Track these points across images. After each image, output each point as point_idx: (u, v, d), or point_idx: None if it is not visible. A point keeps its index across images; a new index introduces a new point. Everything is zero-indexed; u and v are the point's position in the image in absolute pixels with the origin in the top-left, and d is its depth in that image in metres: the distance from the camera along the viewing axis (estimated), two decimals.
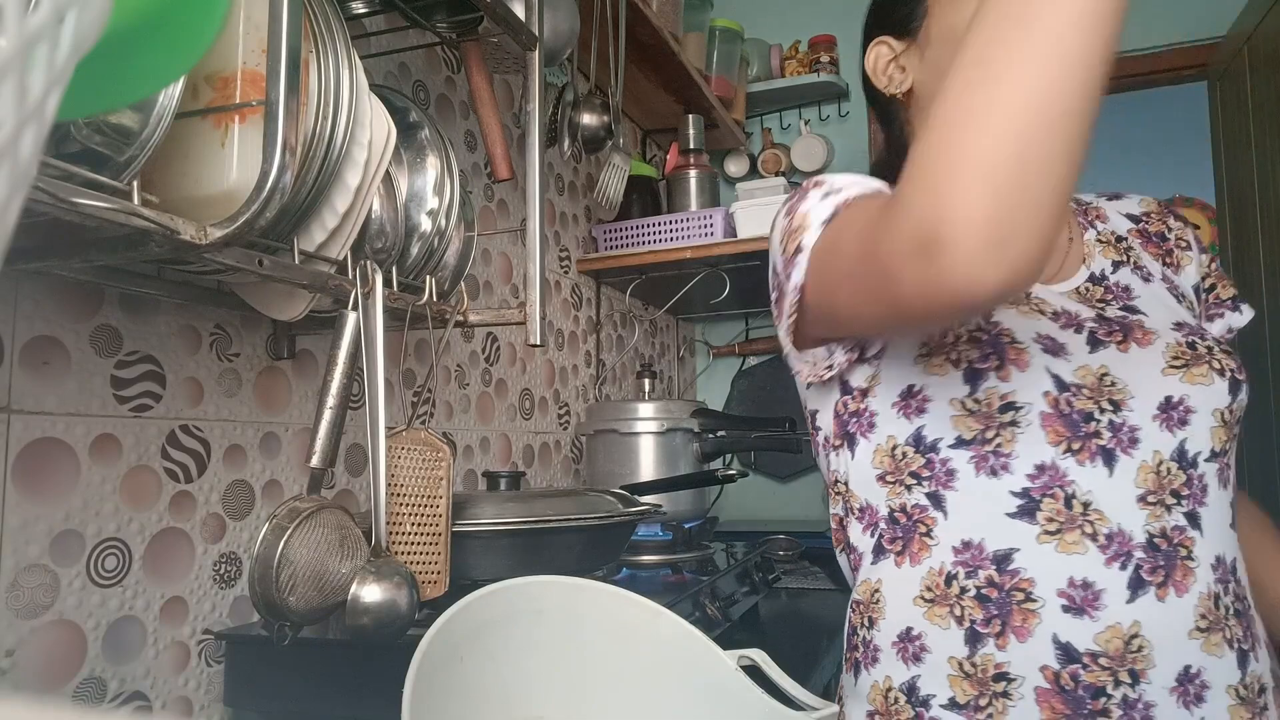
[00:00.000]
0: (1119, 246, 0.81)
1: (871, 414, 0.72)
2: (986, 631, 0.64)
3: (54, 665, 0.71)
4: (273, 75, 0.56)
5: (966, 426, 0.66)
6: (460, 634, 0.60)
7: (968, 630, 0.64)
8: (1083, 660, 0.61)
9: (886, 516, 0.70)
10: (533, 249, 0.94)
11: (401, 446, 0.79)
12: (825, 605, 1.41)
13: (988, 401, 0.66)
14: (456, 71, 1.35)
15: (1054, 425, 0.65)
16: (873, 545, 0.71)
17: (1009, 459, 0.65)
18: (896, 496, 0.70)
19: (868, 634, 0.69)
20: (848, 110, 2.42)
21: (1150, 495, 0.64)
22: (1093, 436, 0.64)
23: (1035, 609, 0.63)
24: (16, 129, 0.21)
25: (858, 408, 0.73)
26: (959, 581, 0.65)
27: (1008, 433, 0.65)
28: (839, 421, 0.75)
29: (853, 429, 0.73)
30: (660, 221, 1.74)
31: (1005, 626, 0.63)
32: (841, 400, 0.75)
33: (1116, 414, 0.65)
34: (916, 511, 0.68)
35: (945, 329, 0.68)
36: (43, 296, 0.72)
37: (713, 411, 1.60)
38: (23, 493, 0.69)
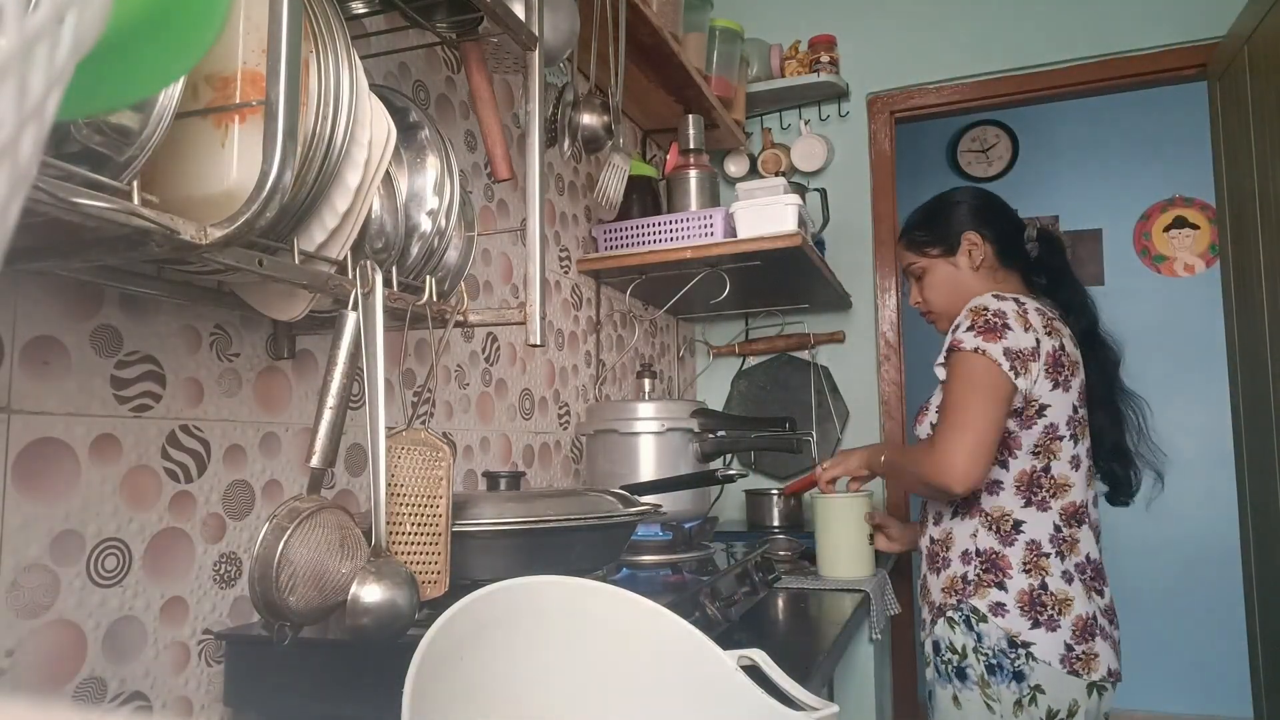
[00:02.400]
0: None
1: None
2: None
3: (54, 665, 0.71)
4: (273, 75, 0.56)
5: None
6: (460, 634, 0.60)
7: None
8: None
9: None
10: (533, 249, 0.94)
11: (401, 446, 0.79)
12: (825, 605, 1.41)
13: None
14: (456, 71, 1.35)
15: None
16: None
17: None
18: None
19: None
20: (848, 110, 2.43)
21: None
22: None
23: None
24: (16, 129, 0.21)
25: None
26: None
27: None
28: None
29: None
30: (660, 221, 1.74)
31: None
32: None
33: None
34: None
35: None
36: (43, 296, 0.72)
37: (713, 411, 1.60)
38: (23, 493, 0.69)
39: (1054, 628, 1.25)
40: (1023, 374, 1.27)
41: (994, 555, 1.31)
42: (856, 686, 1.58)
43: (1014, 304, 1.31)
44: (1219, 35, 2.09)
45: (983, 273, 1.45)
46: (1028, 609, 1.27)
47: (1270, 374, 1.88)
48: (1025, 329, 1.29)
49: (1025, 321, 1.29)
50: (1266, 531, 1.96)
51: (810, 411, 2.36)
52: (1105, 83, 2.26)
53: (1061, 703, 1.24)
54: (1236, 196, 2.06)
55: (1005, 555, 1.30)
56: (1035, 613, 1.26)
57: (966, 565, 1.33)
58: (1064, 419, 1.31)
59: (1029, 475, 1.31)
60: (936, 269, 1.48)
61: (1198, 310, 3.46)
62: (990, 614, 1.28)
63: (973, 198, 1.51)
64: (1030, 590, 1.27)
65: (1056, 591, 1.27)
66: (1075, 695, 1.25)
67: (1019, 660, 1.25)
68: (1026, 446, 1.30)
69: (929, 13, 2.38)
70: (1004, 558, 1.30)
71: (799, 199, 1.71)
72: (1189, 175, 3.53)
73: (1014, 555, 1.29)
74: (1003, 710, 1.26)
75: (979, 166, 3.84)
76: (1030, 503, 1.30)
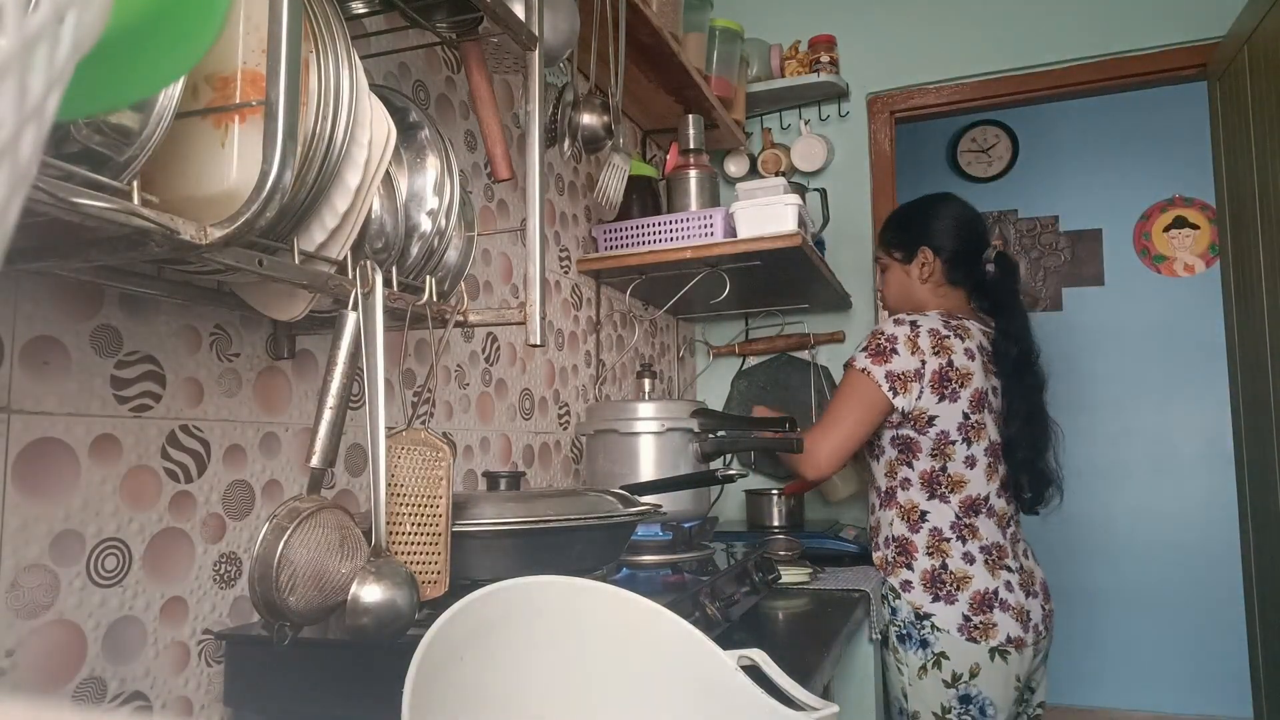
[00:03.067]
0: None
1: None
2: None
3: (54, 665, 0.71)
4: (273, 75, 0.56)
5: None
6: (460, 634, 0.60)
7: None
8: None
9: None
10: (533, 249, 0.94)
11: (401, 446, 0.79)
12: (825, 605, 1.41)
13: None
14: (456, 71, 1.35)
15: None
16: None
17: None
18: None
19: None
20: (848, 110, 2.42)
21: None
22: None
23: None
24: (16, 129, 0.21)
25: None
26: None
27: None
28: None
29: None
30: (660, 221, 1.74)
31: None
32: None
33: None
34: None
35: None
36: (43, 296, 0.72)
37: (713, 411, 1.60)
38: (23, 493, 0.69)
39: (952, 601, 1.48)
40: (902, 393, 1.50)
41: (904, 541, 1.55)
42: (856, 686, 1.58)
43: (908, 329, 1.52)
44: (1219, 35, 2.09)
45: (929, 285, 1.64)
46: (929, 585, 1.50)
47: (1270, 374, 1.88)
48: (912, 353, 1.51)
49: (914, 345, 1.51)
50: (1266, 531, 1.96)
51: (810, 411, 2.36)
52: (1105, 83, 2.26)
53: (963, 665, 1.45)
54: (1236, 196, 2.06)
55: (913, 540, 1.54)
56: (935, 589, 1.49)
57: (887, 549, 1.57)
58: (954, 425, 1.51)
59: (930, 474, 1.54)
60: (894, 270, 1.69)
61: (1198, 310, 3.46)
62: (901, 590, 1.52)
63: (945, 214, 1.65)
64: (932, 570, 1.50)
65: (956, 570, 1.49)
66: (976, 659, 1.45)
67: (924, 630, 1.48)
68: (925, 450, 1.54)
69: (929, 13, 2.38)
70: (911, 543, 1.54)
71: (799, 199, 1.71)
72: (1189, 175, 3.53)
73: (919, 540, 1.53)
74: (909, 673, 1.50)
75: (979, 166, 3.83)
76: (933, 496, 1.53)
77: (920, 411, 1.51)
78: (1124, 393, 3.55)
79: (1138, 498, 3.51)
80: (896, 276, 1.68)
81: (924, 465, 1.54)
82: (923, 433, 1.52)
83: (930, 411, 1.51)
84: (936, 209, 1.66)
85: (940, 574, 1.49)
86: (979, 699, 1.45)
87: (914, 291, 1.65)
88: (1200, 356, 3.42)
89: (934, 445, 1.52)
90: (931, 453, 1.53)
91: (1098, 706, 3.42)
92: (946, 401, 1.50)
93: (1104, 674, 3.44)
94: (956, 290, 1.65)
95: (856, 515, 2.30)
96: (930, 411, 1.51)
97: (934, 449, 1.53)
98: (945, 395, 1.50)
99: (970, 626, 1.46)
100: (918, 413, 1.51)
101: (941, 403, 1.50)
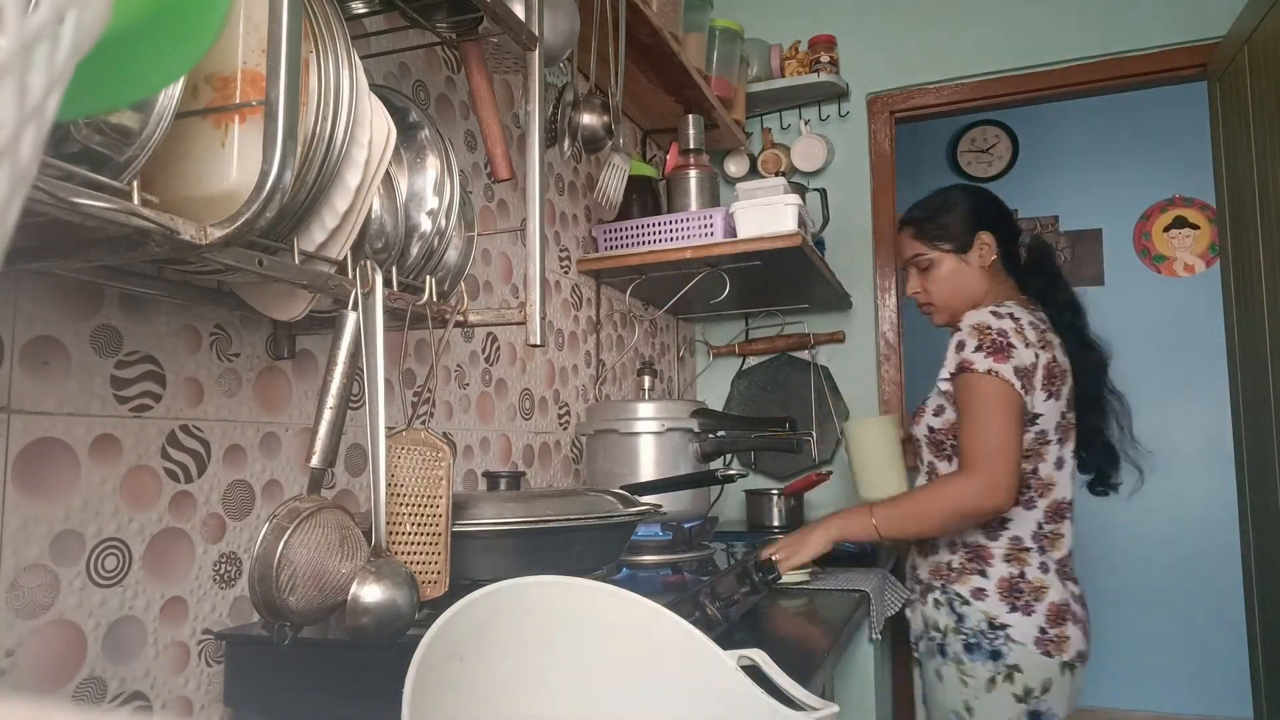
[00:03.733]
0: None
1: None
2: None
3: (54, 665, 0.71)
4: (273, 75, 0.56)
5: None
6: (460, 634, 0.60)
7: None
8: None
9: None
10: (533, 249, 0.94)
11: (401, 446, 0.79)
12: (825, 605, 1.41)
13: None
14: (456, 71, 1.35)
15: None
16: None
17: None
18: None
19: None
20: (848, 110, 2.42)
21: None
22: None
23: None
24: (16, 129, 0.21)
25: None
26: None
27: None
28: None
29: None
30: (660, 221, 1.74)
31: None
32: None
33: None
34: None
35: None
36: (43, 296, 0.72)
37: (713, 411, 1.60)
38: (23, 493, 0.69)
39: (1030, 612, 1.36)
40: (1029, 391, 1.36)
41: (979, 547, 1.42)
42: (856, 686, 1.58)
43: (1010, 321, 1.38)
44: (1219, 35, 2.09)
45: (988, 273, 1.51)
46: (1006, 594, 1.38)
47: (1270, 374, 1.88)
48: (1025, 345, 1.36)
49: (1024, 338, 1.37)
50: (1266, 531, 1.96)
51: (810, 411, 2.36)
52: (1105, 83, 2.26)
53: (1036, 680, 1.34)
54: (1236, 196, 2.06)
55: (989, 547, 1.41)
56: (1013, 598, 1.38)
57: (953, 554, 1.45)
58: (1053, 424, 1.40)
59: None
60: (944, 264, 1.53)
61: (1198, 310, 3.46)
62: (972, 599, 1.40)
63: (984, 198, 1.55)
64: (1010, 578, 1.39)
65: (1033, 580, 1.38)
66: (1049, 674, 1.34)
67: (997, 640, 1.36)
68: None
69: (929, 13, 2.38)
70: (987, 549, 1.41)
71: (799, 199, 1.71)
72: (1189, 175, 3.52)
73: (996, 547, 1.41)
74: (976, 685, 1.37)
75: (979, 166, 3.84)
76: (1018, 502, 1.38)
77: (1029, 411, 1.38)
78: (1124, 392, 3.54)
79: (1138, 497, 3.50)
80: (950, 268, 1.53)
81: None
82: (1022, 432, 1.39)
83: (1037, 409, 1.38)
84: (974, 194, 1.57)
85: (1018, 583, 1.38)
86: (1049, 716, 1.35)
87: (972, 282, 1.52)
88: (1200, 356, 3.42)
89: (1029, 446, 1.39)
90: (1025, 454, 1.39)
91: (1098, 706, 3.42)
92: (1052, 399, 1.39)
93: (1104, 674, 3.44)
94: (1009, 277, 1.54)
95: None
96: (1037, 409, 1.38)
97: (1028, 450, 1.39)
98: (1051, 392, 1.39)
99: (1046, 639, 1.35)
100: (1029, 411, 1.38)
101: (1048, 400, 1.39)
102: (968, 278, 1.52)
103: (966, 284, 1.52)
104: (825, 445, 2.35)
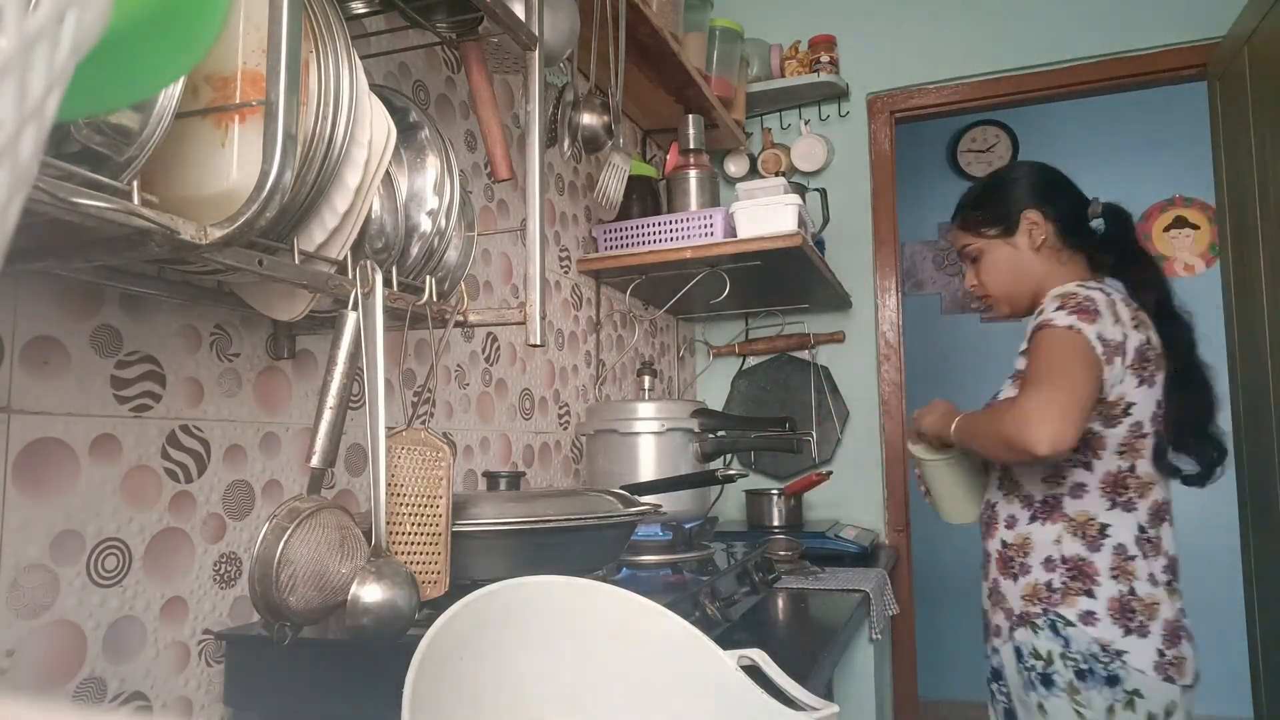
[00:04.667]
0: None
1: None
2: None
3: (54, 665, 0.71)
4: (273, 75, 0.56)
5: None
6: (460, 634, 0.60)
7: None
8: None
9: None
10: (533, 249, 0.94)
11: (401, 446, 0.79)
12: (825, 605, 1.41)
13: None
14: (456, 71, 1.35)
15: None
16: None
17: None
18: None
19: None
20: (848, 110, 2.42)
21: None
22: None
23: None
24: (16, 129, 0.21)
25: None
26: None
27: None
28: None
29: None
30: (660, 221, 1.74)
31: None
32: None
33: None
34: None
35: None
36: (43, 296, 0.72)
37: (713, 411, 1.60)
38: (23, 493, 0.69)
39: (1145, 634, 1.22)
40: (1110, 364, 1.22)
41: (1080, 562, 1.26)
42: (856, 686, 1.58)
43: (1101, 294, 1.26)
44: (1219, 35, 2.09)
45: (1045, 254, 1.38)
46: (1118, 616, 1.23)
47: (1270, 374, 1.88)
48: (1115, 321, 1.24)
49: (1114, 313, 1.25)
50: (1266, 531, 1.96)
51: (810, 411, 2.36)
52: (1105, 83, 2.26)
53: (1158, 705, 1.20)
54: (1236, 196, 2.06)
55: (1092, 561, 1.25)
56: (1126, 619, 1.22)
57: (1050, 572, 1.27)
58: (1148, 415, 1.27)
59: (1114, 476, 1.27)
60: (994, 250, 1.41)
61: (1198, 310, 3.42)
62: (1080, 623, 1.23)
63: (1031, 173, 1.44)
64: (1120, 597, 1.23)
65: (1145, 596, 1.24)
66: (1171, 697, 1.21)
67: (1113, 665, 1.21)
68: (1112, 446, 1.26)
69: (929, 13, 2.38)
70: (1090, 564, 1.25)
71: (799, 199, 1.71)
72: (1189, 175, 3.52)
73: (1101, 561, 1.25)
74: (1093, 716, 1.21)
75: (979, 166, 3.83)
76: (1115, 504, 1.26)
77: (1119, 395, 1.25)
78: None
79: None
80: (1001, 255, 1.40)
81: (1108, 465, 1.26)
82: (1112, 424, 1.26)
83: (1129, 398, 1.25)
84: (1021, 170, 1.45)
85: (1130, 601, 1.23)
86: None
87: (1030, 267, 1.38)
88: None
89: (1124, 440, 1.26)
90: (1119, 450, 1.26)
91: None
92: (1145, 386, 1.26)
93: None
94: (1077, 254, 1.39)
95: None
96: (1129, 398, 1.25)
97: (1123, 445, 1.26)
98: (1144, 379, 1.26)
99: (1165, 663, 1.21)
100: (1116, 395, 1.25)
101: (1140, 387, 1.25)
102: (1021, 262, 1.39)
103: (1022, 269, 1.39)
104: (825, 445, 2.35)
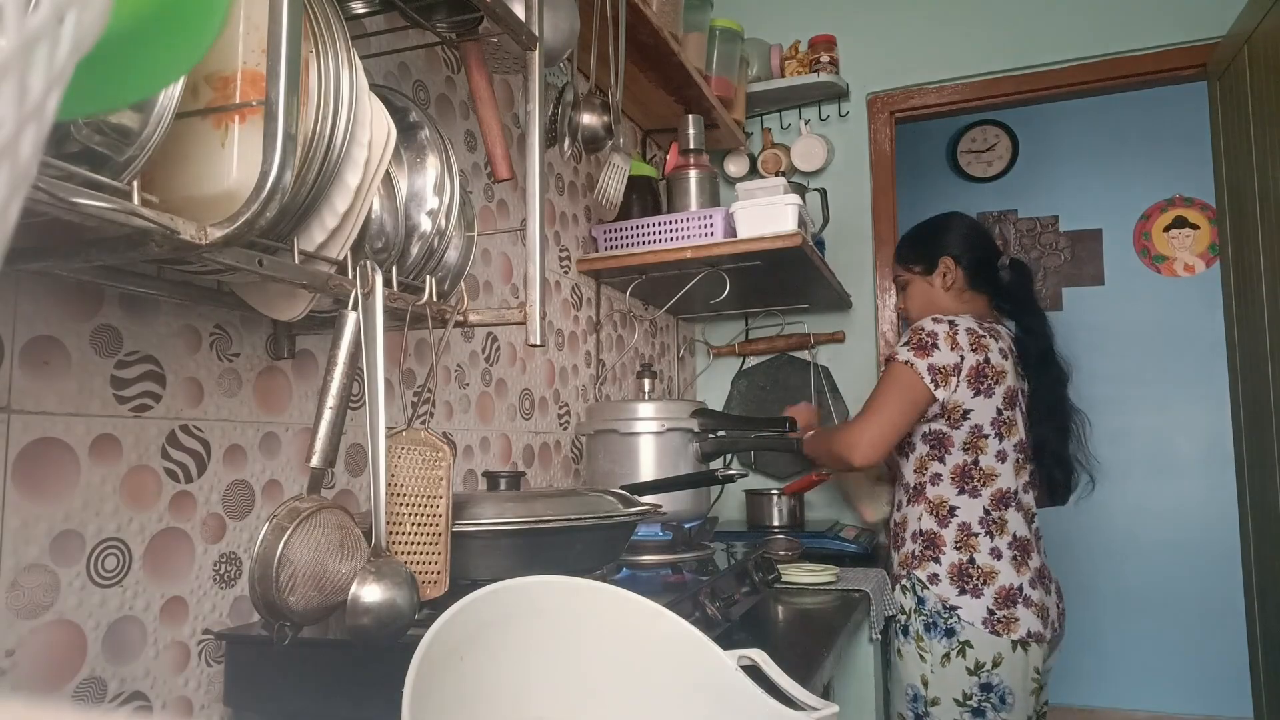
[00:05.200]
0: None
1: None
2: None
3: (54, 665, 0.71)
4: (273, 75, 0.56)
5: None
6: (460, 634, 0.60)
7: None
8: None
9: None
10: (533, 249, 0.94)
11: (401, 446, 0.79)
12: (825, 605, 1.41)
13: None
14: (456, 71, 1.35)
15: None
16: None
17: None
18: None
19: None
20: (848, 110, 2.42)
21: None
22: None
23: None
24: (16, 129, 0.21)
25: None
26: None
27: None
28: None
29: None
30: (660, 221, 1.74)
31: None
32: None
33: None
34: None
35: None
36: (43, 296, 0.72)
37: (713, 411, 1.60)
38: (23, 493, 0.69)
39: (978, 595, 1.53)
40: (942, 386, 1.55)
41: (933, 535, 1.59)
42: (856, 686, 1.58)
43: (947, 326, 1.58)
44: (1219, 35, 2.09)
45: (953, 292, 1.71)
46: (956, 579, 1.55)
47: (1270, 374, 1.88)
48: (951, 348, 1.56)
49: (953, 341, 1.56)
50: (1266, 531, 1.96)
51: None
52: (1105, 83, 2.26)
53: (986, 655, 1.51)
54: (1236, 196, 2.06)
55: (941, 535, 1.58)
56: (963, 582, 1.54)
57: (915, 543, 1.61)
58: (988, 420, 1.57)
59: (961, 468, 1.59)
60: (916, 284, 1.76)
61: (1198, 310, 3.46)
62: (928, 583, 1.57)
63: (958, 227, 1.76)
64: (960, 564, 1.56)
65: (983, 565, 1.54)
66: (999, 649, 1.51)
67: (950, 620, 1.54)
68: (958, 444, 1.58)
69: (928, 13, 2.38)
70: (940, 537, 1.58)
71: (799, 199, 1.71)
72: (1189, 175, 3.52)
73: (948, 535, 1.58)
74: (933, 660, 1.55)
75: (979, 166, 3.83)
76: (963, 491, 1.58)
77: (956, 405, 1.56)
78: (1124, 392, 3.55)
79: (1137, 497, 3.51)
80: (920, 289, 1.75)
81: (956, 460, 1.59)
82: (956, 427, 1.57)
83: (965, 405, 1.56)
84: (949, 223, 1.76)
85: (967, 568, 1.54)
86: (999, 687, 1.51)
87: (938, 300, 1.72)
88: (1200, 356, 3.42)
89: (967, 439, 1.57)
90: (964, 446, 1.58)
91: (1098, 706, 3.42)
92: (981, 396, 1.56)
93: (1104, 674, 3.44)
94: (979, 296, 1.72)
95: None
96: (965, 405, 1.56)
97: (967, 443, 1.57)
98: (980, 390, 1.56)
99: (994, 620, 1.51)
100: (953, 405, 1.56)
101: (977, 397, 1.56)
102: (933, 297, 1.72)
103: (933, 302, 1.72)
104: None
